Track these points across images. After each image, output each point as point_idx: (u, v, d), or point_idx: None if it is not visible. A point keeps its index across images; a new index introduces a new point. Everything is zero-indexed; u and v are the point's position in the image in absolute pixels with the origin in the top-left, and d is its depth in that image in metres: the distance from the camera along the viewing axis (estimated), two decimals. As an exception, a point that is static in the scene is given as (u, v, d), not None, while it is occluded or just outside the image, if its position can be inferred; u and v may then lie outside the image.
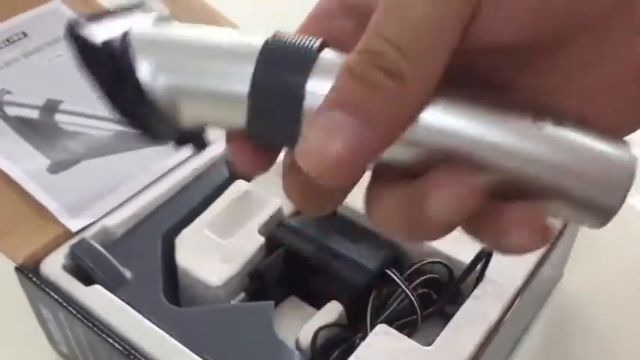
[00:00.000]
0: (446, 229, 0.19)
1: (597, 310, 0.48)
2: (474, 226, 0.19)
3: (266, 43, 0.19)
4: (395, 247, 0.41)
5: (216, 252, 0.41)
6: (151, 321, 0.37)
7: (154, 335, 0.36)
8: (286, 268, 0.42)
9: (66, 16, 0.51)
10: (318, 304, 0.40)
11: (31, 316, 0.42)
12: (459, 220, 0.19)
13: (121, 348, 0.35)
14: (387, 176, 0.20)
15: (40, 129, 0.45)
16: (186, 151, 0.45)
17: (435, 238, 0.19)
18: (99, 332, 0.36)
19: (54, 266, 0.39)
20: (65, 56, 0.49)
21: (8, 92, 0.46)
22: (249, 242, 0.41)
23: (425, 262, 0.40)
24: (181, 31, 0.21)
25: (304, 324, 0.38)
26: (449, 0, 0.17)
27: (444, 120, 0.18)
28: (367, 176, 0.20)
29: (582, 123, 0.19)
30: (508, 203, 0.18)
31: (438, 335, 0.36)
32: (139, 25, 0.20)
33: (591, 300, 0.48)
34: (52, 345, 0.44)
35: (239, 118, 0.20)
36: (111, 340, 0.36)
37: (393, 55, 0.18)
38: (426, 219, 0.18)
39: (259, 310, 0.38)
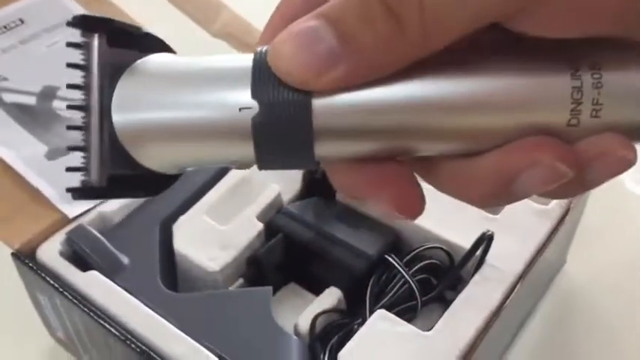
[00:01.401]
0: None
1: (601, 297, 0.47)
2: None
3: (255, 61, 0.18)
4: (394, 232, 0.41)
5: (214, 238, 0.40)
6: (149, 306, 0.36)
7: (151, 321, 0.36)
8: (285, 255, 0.42)
9: (63, 3, 0.50)
10: (317, 290, 0.40)
11: (28, 303, 0.42)
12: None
13: (117, 333, 0.35)
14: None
15: (38, 115, 0.45)
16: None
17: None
18: (95, 318, 0.36)
19: (51, 252, 0.39)
20: (62, 43, 0.48)
21: (5, 79, 0.46)
22: (247, 228, 0.41)
23: (424, 247, 0.40)
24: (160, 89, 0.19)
25: (303, 310, 0.38)
26: None
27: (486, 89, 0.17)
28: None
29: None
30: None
31: (437, 321, 0.35)
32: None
33: (595, 287, 0.48)
34: (49, 331, 0.44)
35: (241, 150, 0.18)
36: (107, 326, 0.35)
37: None
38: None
39: (257, 296, 0.38)
